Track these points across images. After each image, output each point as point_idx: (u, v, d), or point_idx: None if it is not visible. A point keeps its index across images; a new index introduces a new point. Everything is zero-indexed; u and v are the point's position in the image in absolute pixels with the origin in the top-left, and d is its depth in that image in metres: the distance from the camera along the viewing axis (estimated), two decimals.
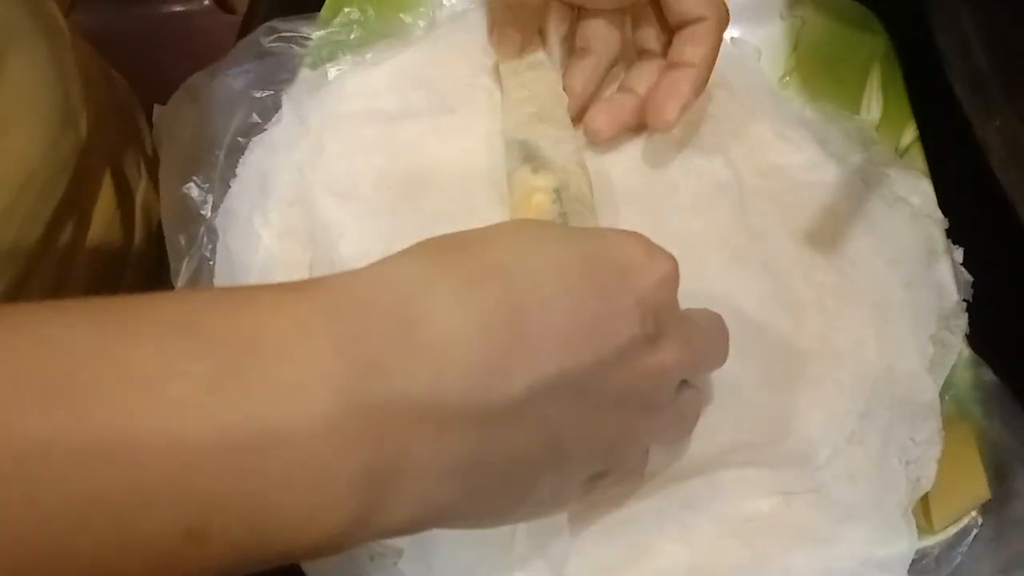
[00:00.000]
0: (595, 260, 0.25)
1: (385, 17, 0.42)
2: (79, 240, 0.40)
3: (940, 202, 0.39)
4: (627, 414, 0.26)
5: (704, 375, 0.33)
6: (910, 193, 0.39)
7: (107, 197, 0.42)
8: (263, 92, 0.40)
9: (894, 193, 0.39)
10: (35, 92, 0.36)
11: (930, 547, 0.33)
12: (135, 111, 0.49)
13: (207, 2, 0.72)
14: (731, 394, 0.33)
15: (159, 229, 0.37)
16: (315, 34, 0.41)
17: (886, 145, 0.41)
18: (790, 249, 0.38)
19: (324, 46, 0.41)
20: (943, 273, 0.38)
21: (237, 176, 0.38)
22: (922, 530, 0.33)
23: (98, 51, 0.47)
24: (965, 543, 0.33)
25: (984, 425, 0.35)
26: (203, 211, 0.37)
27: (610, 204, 0.37)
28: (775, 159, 0.40)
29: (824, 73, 0.43)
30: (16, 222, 0.35)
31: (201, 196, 0.37)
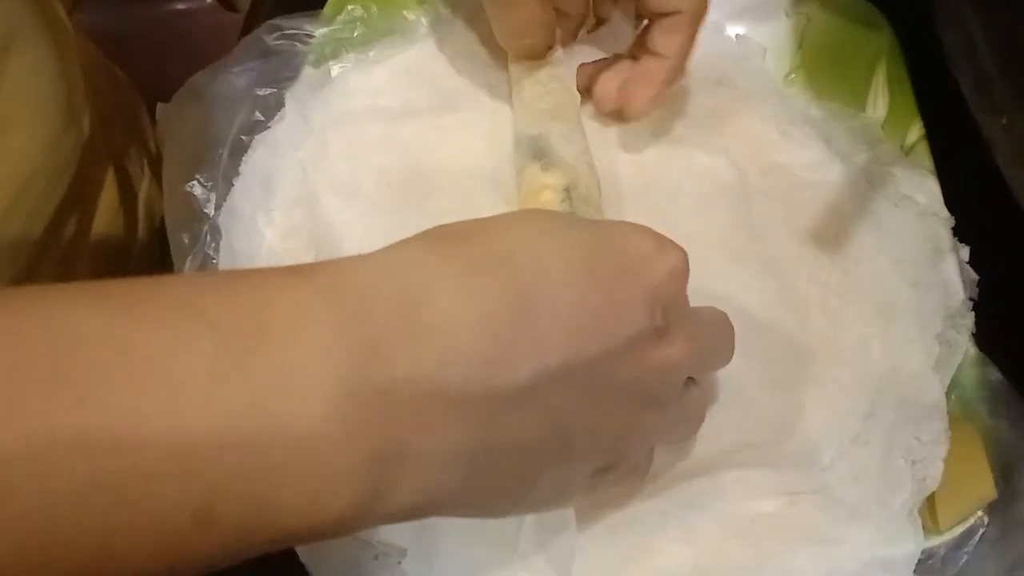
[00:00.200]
0: (604, 250, 0.25)
1: (388, 14, 0.42)
2: (82, 238, 0.40)
3: (946, 200, 0.39)
4: (634, 407, 0.25)
5: (708, 374, 0.33)
6: (916, 191, 0.39)
7: (110, 195, 0.42)
8: (266, 90, 0.40)
9: (900, 191, 0.39)
10: (38, 90, 0.36)
11: (936, 547, 0.33)
12: (138, 109, 0.49)
13: (210, 0, 0.72)
14: (734, 394, 0.33)
15: (162, 227, 0.37)
16: (318, 32, 0.41)
17: (892, 143, 0.41)
18: (794, 248, 0.37)
19: (327, 44, 0.41)
20: (949, 272, 0.37)
21: (240, 175, 0.38)
22: (928, 530, 0.33)
23: (101, 49, 0.47)
24: (971, 543, 0.33)
25: (990, 425, 0.35)
26: (206, 210, 0.37)
27: (615, 203, 0.37)
28: (779, 157, 0.40)
29: (829, 70, 0.43)
30: (19, 220, 0.35)
31: (204, 195, 0.37)
